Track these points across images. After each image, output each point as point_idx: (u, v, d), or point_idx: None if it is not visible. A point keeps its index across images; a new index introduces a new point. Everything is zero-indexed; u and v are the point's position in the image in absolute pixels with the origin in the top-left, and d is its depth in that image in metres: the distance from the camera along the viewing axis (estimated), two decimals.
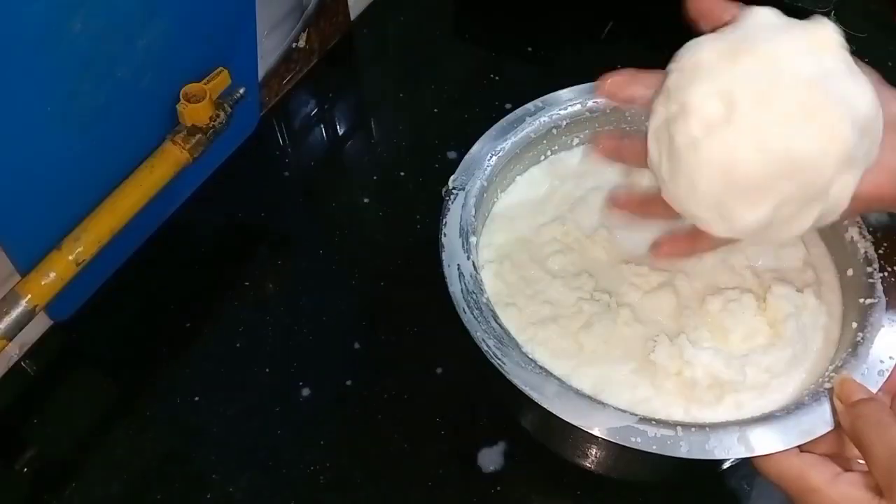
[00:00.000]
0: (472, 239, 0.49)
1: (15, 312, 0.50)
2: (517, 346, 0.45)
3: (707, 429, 0.42)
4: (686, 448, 0.41)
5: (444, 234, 0.49)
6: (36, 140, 0.48)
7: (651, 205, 0.44)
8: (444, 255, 0.48)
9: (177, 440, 0.56)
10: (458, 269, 0.47)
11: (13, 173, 0.47)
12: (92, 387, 0.60)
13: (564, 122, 0.55)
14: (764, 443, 0.41)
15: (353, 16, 0.80)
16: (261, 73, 0.70)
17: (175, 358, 0.60)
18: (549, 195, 0.56)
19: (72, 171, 0.52)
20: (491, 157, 0.53)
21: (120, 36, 0.49)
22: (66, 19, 0.45)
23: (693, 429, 0.42)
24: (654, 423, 0.42)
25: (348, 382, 0.58)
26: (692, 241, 0.45)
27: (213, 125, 0.58)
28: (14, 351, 0.59)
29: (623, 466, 0.53)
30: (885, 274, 0.47)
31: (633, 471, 0.54)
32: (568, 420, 0.42)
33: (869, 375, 0.43)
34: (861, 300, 0.47)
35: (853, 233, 0.49)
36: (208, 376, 0.59)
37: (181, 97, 0.56)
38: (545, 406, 0.42)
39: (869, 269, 0.48)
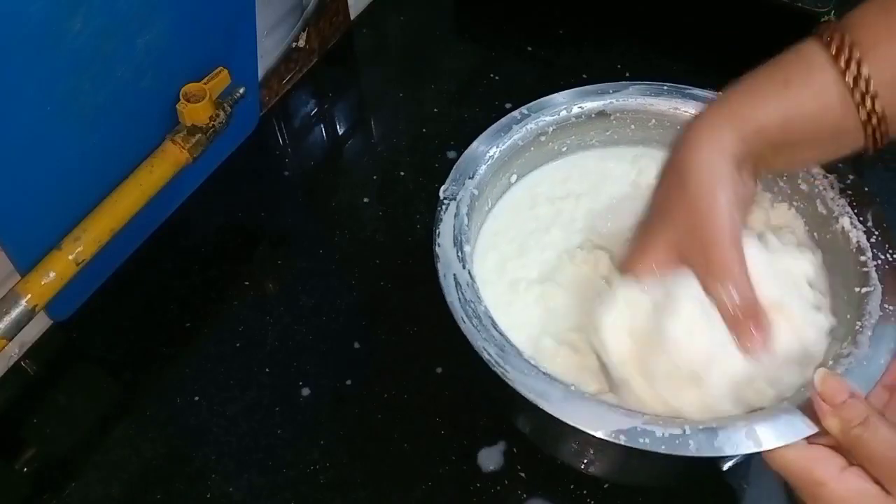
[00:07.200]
0: (467, 248, 0.49)
1: (15, 312, 0.50)
2: (519, 353, 0.45)
3: (715, 425, 0.41)
4: (695, 446, 0.41)
5: (439, 245, 0.49)
6: (36, 140, 0.48)
7: None
8: (439, 266, 0.48)
9: (177, 440, 0.56)
10: (455, 278, 0.47)
11: (13, 173, 0.48)
12: (92, 387, 0.60)
13: (551, 129, 0.55)
14: (771, 437, 0.41)
15: (353, 16, 0.81)
16: (261, 73, 0.70)
17: (175, 358, 0.60)
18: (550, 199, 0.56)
19: (71, 171, 0.52)
20: (481, 164, 0.53)
21: (120, 36, 0.49)
22: (66, 19, 0.45)
23: (701, 426, 0.41)
24: (661, 422, 0.41)
25: (348, 382, 0.58)
26: None
27: (213, 125, 0.58)
28: (14, 350, 0.59)
29: (623, 465, 0.53)
30: (879, 262, 0.47)
31: (633, 470, 0.54)
32: (573, 424, 0.42)
33: (870, 367, 0.42)
34: (857, 289, 0.47)
35: (844, 222, 0.49)
36: (208, 376, 0.59)
37: (181, 97, 0.56)
38: (551, 412, 0.42)
39: (862, 258, 0.47)
